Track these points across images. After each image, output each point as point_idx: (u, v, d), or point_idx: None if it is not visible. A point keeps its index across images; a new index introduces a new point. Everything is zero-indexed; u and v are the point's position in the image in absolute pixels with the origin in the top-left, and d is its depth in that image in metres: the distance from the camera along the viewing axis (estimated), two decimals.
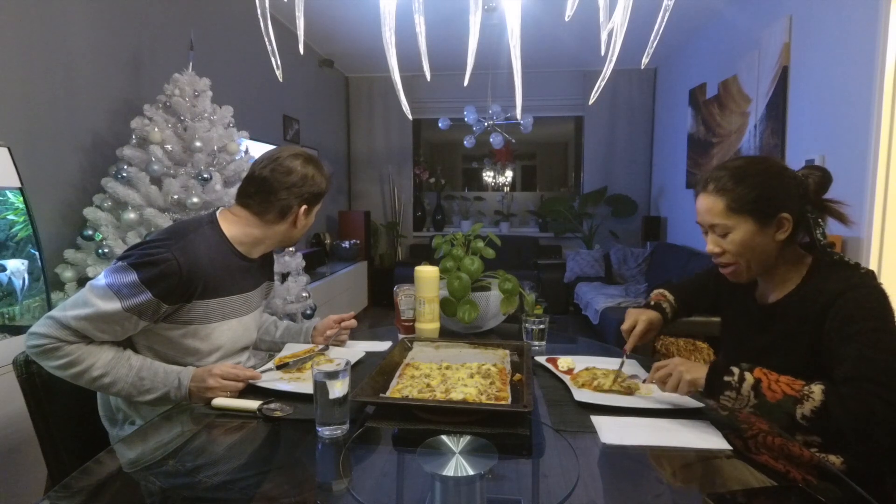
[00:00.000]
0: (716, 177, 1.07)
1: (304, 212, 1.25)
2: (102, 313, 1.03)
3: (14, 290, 1.77)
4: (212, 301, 1.17)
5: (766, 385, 0.92)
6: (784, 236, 1.04)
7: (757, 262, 1.07)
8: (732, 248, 1.06)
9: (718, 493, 0.74)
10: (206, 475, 0.81)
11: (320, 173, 1.26)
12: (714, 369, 0.97)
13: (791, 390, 0.91)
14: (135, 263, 1.05)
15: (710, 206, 1.07)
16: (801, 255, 1.10)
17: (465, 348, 1.31)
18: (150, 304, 1.06)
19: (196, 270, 1.10)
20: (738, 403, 0.94)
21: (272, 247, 1.30)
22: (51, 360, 1.04)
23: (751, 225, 1.04)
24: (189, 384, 1.09)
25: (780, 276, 1.10)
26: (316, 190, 1.25)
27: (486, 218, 7.19)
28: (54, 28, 2.12)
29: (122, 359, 1.09)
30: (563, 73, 5.65)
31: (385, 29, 1.13)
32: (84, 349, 1.05)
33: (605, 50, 1.21)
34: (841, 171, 2.54)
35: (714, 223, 1.07)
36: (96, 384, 1.07)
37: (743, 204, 1.03)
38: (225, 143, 2.38)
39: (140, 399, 1.10)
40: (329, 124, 5.45)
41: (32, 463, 1.52)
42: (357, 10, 3.92)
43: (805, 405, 0.89)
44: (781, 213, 1.03)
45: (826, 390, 0.89)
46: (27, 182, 1.74)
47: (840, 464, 1.00)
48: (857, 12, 2.42)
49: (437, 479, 0.71)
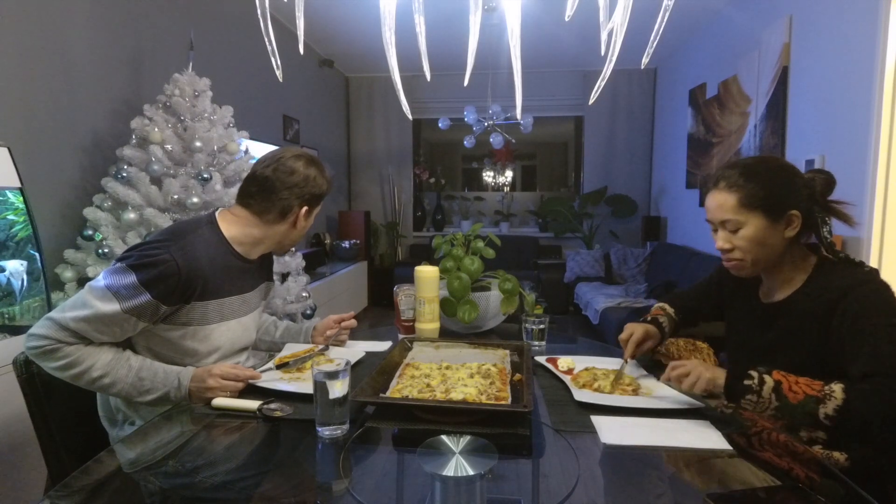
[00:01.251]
0: (727, 174, 1.09)
1: (304, 213, 1.25)
2: (101, 315, 1.03)
3: (13, 291, 1.77)
4: (211, 302, 1.17)
5: (787, 387, 0.93)
6: (793, 233, 1.07)
7: (764, 259, 1.09)
8: (742, 244, 1.09)
9: (719, 492, 0.74)
10: (206, 475, 0.81)
11: (322, 175, 1.26)
12: (733, 374, 0.97)
13: (812, 390, 0.92)
14: (134, 265, 1.05)
15: (722, 203, 1.09)
16: (806, 254, 1.12)
17: (465, 348, 1.31)
18: (150, 305, 1.05)
19: (195, 271, 1.10)
20: (759, 407, 0.94)
21: (271, 248, 1.30)
22: (50, 362, 1.04)
23: (761, 221, 1.06)
24: (189, 384, 1.09)
25: (785, 274, 1.12)
26: (317, 191, 1.25)
27: (486, 218, 7.19)
28: (54, 28, 2.12)
29: (121, 359, 1.09)
30: (563, 73, 5.65)
31: (385, 29, 1.13)
32: (83, 350, 1.05)
33: (605, 50, 1.21)
34: (841, 171, 2.53)
35: (726, 219, 1.09)
36: (96, 385, 1.07)
37: (754, 200, 1.06)
38: (225, 143, 2.38)
39: (140, 399, 1.10)
40: (329, 124, 5.45)
41: (32, 463, 1.52)
42: (357, 10, 3.92)
43: (828, 404, 0.90)
44: (791, 211, 1.06)
45: (846, 388, 0.90)
46: (27, 182, 1.74)
47: (844, 460, 1.01)
48: (857, 12, 2.42)
49: (437, 479, 0.71)
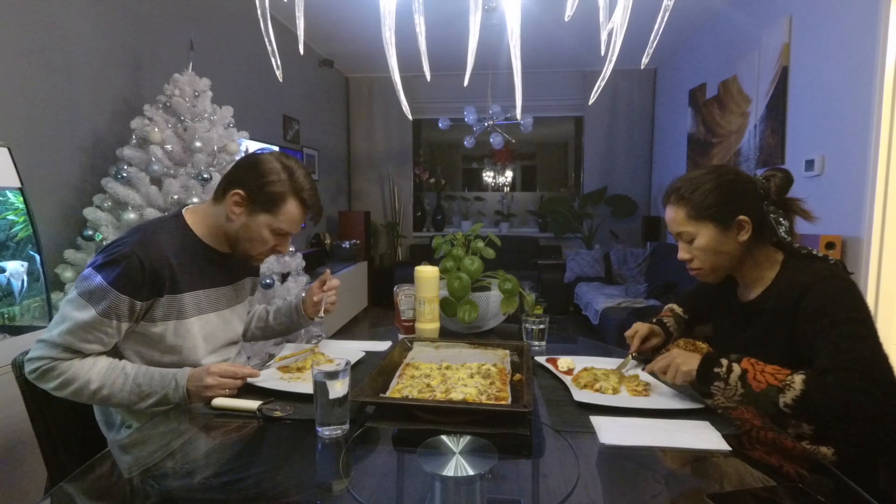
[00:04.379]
0: (675, 188, 1.16)
1: (235, 201, 1.14)
2: (81, 323, 1.03)
3: (13, 292, 1.77)
4: (185, 295, 1.16)
5: (752, 375, 0.97)
6: (745, 237, 1.11)
7: (723, 264, 1.15)
8: (699, 254, 1.15)
9: (718, 493, 0.74)
10: (206, 476, 0.81)
11: (290, 182, 1.14)
12: (705, 361, 1.02)
13: (774, 380, 0.96)
14: (98, 266, 1.06)
15: (674, 216, 1.15)
16: (772, 253, 1.15)
17: (465, 348, 1.31)
18: (122, 303, 1.05)
19: (159, 261, 1.09)
20: (727, 393, 0.99)
21: (229, 243, 1.21)
22: (49, 382, 1.04)
23: (711, 230, 1.11)
24: (186, 384, 1.08)
25: (753, 274, 1.16)
26: (265, 186, 1.13)
27: (486, 218, 7.20)
28: (54, 28, 2.12)
29: (116, 368, 1.08)
30: (563, 73, 5.65)
31: (385, 29, 1.13)
32: (77, 364, 1.05)
33: (605, 50, 1.21)
34: (841, 171, 2.54)
35: (680, 231, 1.15)
36: (97, 398, 1.07)
37: (701, 210, 1.11)
38: (225, 144, 2.38)
39: (141, 405, 1.09)
40: (329, 124, 5.45)
41: (32, 463, 1.52)
42: (357, 10, 3.92)
43: (787, 394, 0.94)
44: (740, 216, 1.10)
45: (806, 379, 0.94)
46: (27, 182, 1.74)
47: (832, 454, 1.03)
48: (857, 12, 2.42)
49: (437, 479, 0.71)
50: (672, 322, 1.40)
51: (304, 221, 1.22)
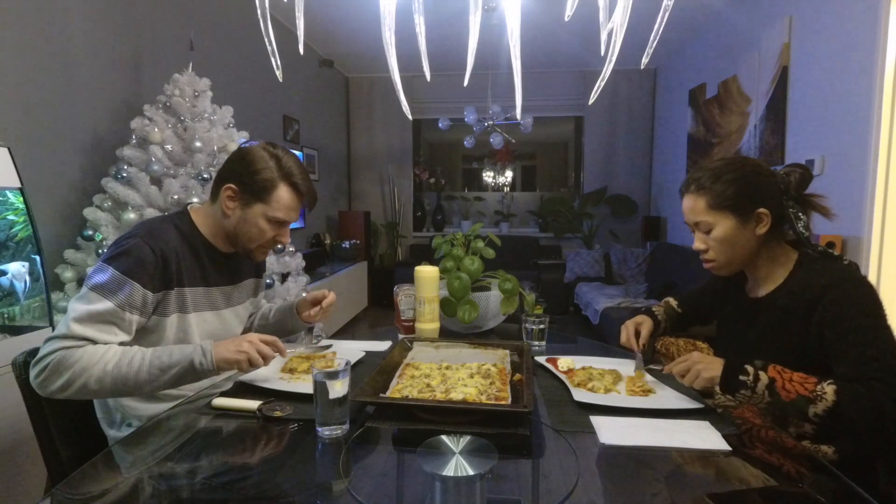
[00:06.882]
0: (696, 177, 1.14)
1: (228, 195, 1.15)
2: (95, 314, 1.02)
3: (15, 292, 1.77)
4: (187, 290, 1.17)
5: (781, 385, 0.95)
6: (763, 230, 1.09)
7: (738, 257, 1.13)
8: (715, 245, 1.12)
9: (718, 493, 0.74)
10: (206, 475, 0.81)
11: (279, 169, 1.15)
12: (729, 368, 0.99)
13: (804, 390, 0.93)
14: (108, 259, 1.06)
15: (693, 205, 1.14)
16: (786, 250, 1.14)
17: (465, 348, 1.31)
18: (137, 294, 1.05)
19: (168, 252, 1.11)
20: (752, 401, 0.98)
21: (231, 242, 1.23)
22: (59, 378, 0.98)
23: (731, 221, 1.10)
24: (213, 350, 1.04)
25: (765, 270, 1.15)
26: (254, 175, 1.13)
27: (486, 218, 7.19)
28: (54, 28, 2.12)
29: (131, 350, 1.05)
30: (563, 73, 5.65)
31: (385, 29, 1.13)
32: (90, 349, 1.00)
33: (605, 50, 1.21)
34: (841, 171, 2.54)
35: (697, 220, 1.13)
36: (111, 381, 1.00)
37: (722, 200, 1.09)
38: (225, 144, 2.38)
39: (163, 379, 1.03)
40: (329, 124, 5.45)
41: (32, 463, 1.53)
42: (357, 10, 3.92)
43: (818, 405, 0.92)
44: (759, 209, 1.08)
45: (838, 390, 0.91)
46: (27, 182, 1.74)
47: (832, 453, 1.03)
48: (857, 12, 2.42)
49: (437, 479, 0.71)
50: (661, 312, 1.40)
51: (300, 208, 1.22)
